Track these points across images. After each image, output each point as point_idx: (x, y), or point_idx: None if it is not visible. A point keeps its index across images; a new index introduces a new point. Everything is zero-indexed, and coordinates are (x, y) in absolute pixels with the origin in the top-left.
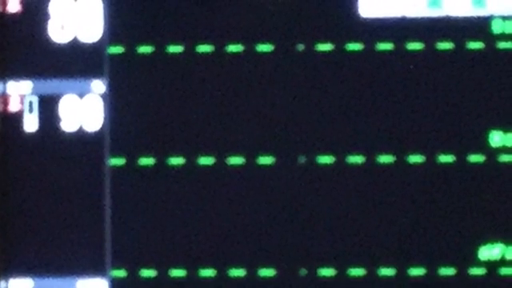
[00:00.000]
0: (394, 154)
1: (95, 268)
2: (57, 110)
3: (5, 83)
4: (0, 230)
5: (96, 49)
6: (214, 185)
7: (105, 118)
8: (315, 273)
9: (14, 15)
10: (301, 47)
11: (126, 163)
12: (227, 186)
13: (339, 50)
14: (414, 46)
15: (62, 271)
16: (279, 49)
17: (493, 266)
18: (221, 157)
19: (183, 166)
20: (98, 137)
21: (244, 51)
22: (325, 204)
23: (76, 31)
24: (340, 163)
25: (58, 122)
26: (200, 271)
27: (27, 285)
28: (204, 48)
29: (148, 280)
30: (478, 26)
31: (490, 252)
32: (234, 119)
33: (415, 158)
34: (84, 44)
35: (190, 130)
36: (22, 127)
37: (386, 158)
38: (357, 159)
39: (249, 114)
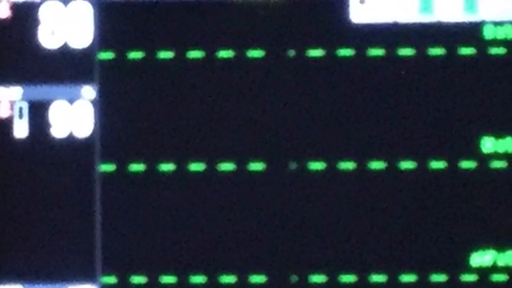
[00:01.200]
0: (385, 160)
1: (85, 274)
2: (47, 116)
3: None
4: None
5: (86, 55)
6: (204, 191)
7: (95, 124)
8: (306, 279)
9: (3, 21)
10: (292, 53)
11: (117, 169)
12: (218, 192)
13: (330, 56)
14: (406, 51)
15: (53, 277)
16: (270, 55)
17: (484, 272)
18: (211, 163)
19: (174, 172)
20: (88, 143)
21: (235, 57)
22: (316, 210)
23: (66, 37)
24: (331, 169)
25: (48, 128)
26: (191, 278)
27: None
28: (195, 54)
29: (138, 286)
30: (470, 32)
31: (481, 258)
32: (224, 125)
33: (407, 164)
34: (74, 50)
35: (181, 136)
36: (12, 133)
37: (377, 164)
38: (348, 165)
39: (240, 120)
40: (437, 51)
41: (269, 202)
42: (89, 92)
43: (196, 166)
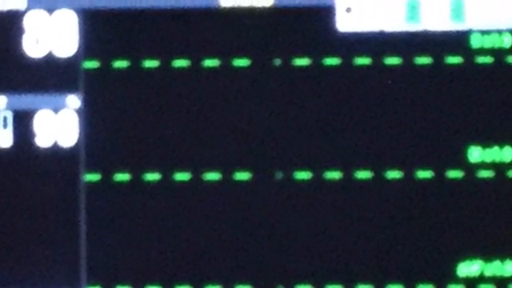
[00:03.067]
0: (371, 169)
1: (70, 284)
2: (31, 125)
3: None
4: None
5: (71, 63)
6: (190, 200)
7: (80, 134)
8: None
9: None
10: (278, 62)
11: (102, 179)
12: (203, 201)
13: (316, 65)
14: (392, 60)
15: (37, 287)
16: (256, 64)
17: (472, 282)
18: (197, 172)
19: (159, 182)
20: (73, 152)
21: (220, 66)
22: (302, 220)
23: (51, 46)
24: (317, 179)
25: (33, 138)
26: (176, 287)
27: None
28: (180, 63)
29: None
30: (457, 41)
31: (468, 268)
32: (210, 134)
33: (393, 174)
34: (59, 59)
35: (166, 145)
36: None
37: (363, 174)
38: (334, 175)
39: (225, 129)
40: (423, 60)
41: (254, 211)
42: (74, 101)
43: (181, 176)
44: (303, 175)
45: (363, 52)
